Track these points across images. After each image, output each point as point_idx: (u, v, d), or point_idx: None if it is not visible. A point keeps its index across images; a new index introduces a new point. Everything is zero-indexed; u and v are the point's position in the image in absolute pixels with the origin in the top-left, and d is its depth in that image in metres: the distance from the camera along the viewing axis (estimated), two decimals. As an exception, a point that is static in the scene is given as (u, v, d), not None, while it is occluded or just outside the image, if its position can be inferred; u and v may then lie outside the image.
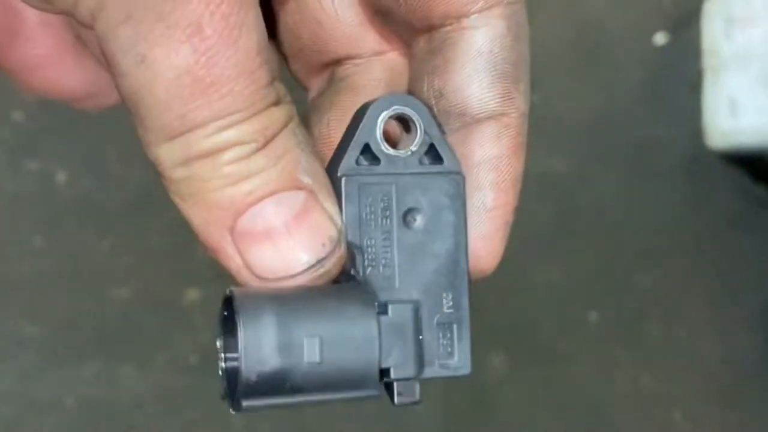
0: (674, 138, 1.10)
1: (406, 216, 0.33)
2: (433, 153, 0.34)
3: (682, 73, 1.11)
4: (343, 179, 0.34)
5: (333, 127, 0.37)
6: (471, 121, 0.35)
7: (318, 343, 0.31)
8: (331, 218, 0.33)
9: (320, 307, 0.32)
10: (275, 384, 0.31)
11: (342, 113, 0.36)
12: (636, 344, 1.06)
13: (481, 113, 0.35)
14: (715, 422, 1.05)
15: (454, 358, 0.34)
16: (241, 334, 0.31)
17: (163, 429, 1.01)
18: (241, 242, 0.33)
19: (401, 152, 0.33)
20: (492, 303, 1.07)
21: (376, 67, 0.38)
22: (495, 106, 0.35)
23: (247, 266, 0.34)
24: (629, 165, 1.10)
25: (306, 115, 0.38)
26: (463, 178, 0.34)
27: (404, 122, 0.34)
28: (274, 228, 0.33)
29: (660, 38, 1.13)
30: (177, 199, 0.34)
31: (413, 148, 0.33)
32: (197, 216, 0.34)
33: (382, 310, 0.33)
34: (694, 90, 1.09)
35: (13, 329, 1.01)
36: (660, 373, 1.05)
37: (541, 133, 1.11)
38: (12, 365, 1.01)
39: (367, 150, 0.34)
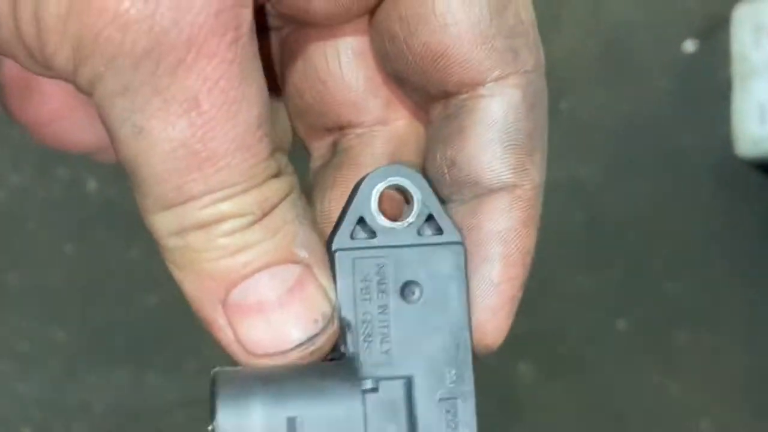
0: (704, 145, 1.09)
1: (404, 289, 0.32)
2: (432, 224, 0.33)
3: (711, 81, 1.11)
4: (336, 254, 0.33)
5: (334, 206, 0.36)
6: (483, 192, 0.34)
7: (299, 425, 0.30)
8: (325, 293, 0.32)
9: (303, 385, 0.31)
10: None
11: (343, 192, 0.36)
12: (664, 353, 1.06)
13: (494, 184, 0.34)
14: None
15: None
16: (219, 419, 0.31)
17: (191, 435, 1.01)
18: (232, 315, 0.33)
19: (398, 224, 0.32)
20: (519, 311, 1.07)
21: (378, 139, 0.37)
22: (507, 178, 0.34)
23: (238, 340, 0.33)
24: (658, 172, 1.10)
25: (309, 183, 0.38)
26: (464, 248, 0.32)
27: (404, 195, 0.33)
28: (267, 301, 0.32)
29: (689, 45, 1.12)
30: (171, 267, 0.33)
31: (410, 219, 0.32)
32: (190, 286, 0.33)
33: (373, 387, 0.31)
34: (724, 97, 1.08)
35: (42, 335, 1.02)
36: (688, 382, 1.05)
37: (570, 141, 1.11)
38: (41, 371, 1.02)
39: (362, 223, 0.33)
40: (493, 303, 0.35)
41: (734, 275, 1.07)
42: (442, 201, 0.33)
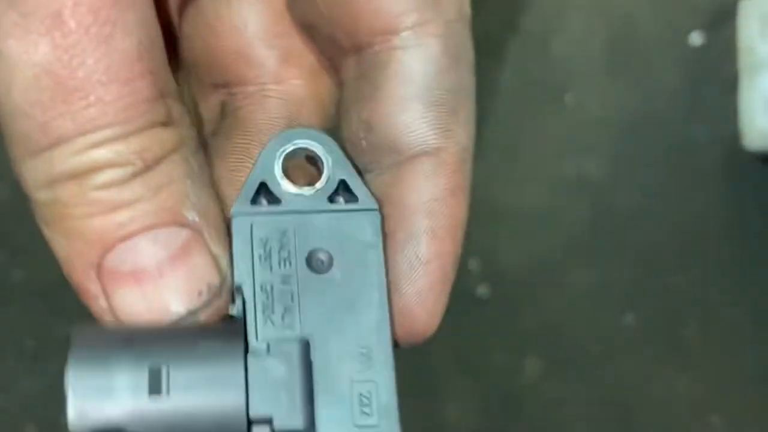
0: (711, 139, 1.09)
1: (311, 259, 0.28)
2: (345, 191, 0.29)
3: (718, 74, 1.10)
4: (233, 219, 0.29)
5: (224, 180, 0.31)
6: (404, 158, 0.30)
7: (165, 374, 0.27)
8: (214, 263, 0.28)
9: (174, 338, 0.27)
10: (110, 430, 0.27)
11: (240, 160, 0.32)
12: (673, 347, 1.06)
13: (415, 148, 0.29)
14: (755, 426, 1.04)
15: (373, 424, 0.27)
16: (70, 378, 0.27)
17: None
18: (106, 282, 0.29)
19: (305, 190, 0.29)
20: (526, 306, 1.07)
21: (272, 99, 0.32)
22: (430, 140, 0.29)
23: (112, 311, 0.29)
24: (665, 166, 1.09)
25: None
26: (381, 217, 0.28)
27: (314, 163, 0.30)
28: (144, 270, 0.28)
29: (696, 38, 1.12)
30: (41, 225, 0.29)
31: (319, 185, 0.29)
32: (60, 247, 0.29)
33: (262, 350, 0.27)
34: (731, 90, 1.08)
35: (47, 331, 1.02)
36: (697, 376, 1.05)
37: (576, 135, 1.11)
38: (46, 367, 1.02)
39: (264, 190, 0.29)
40: (422, 284, 0.30)
41: (743, 268, 1.07)
42: (358, 169, 0.30)
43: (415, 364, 1.06)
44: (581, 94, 1.11)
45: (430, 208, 0.29)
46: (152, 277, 0.28)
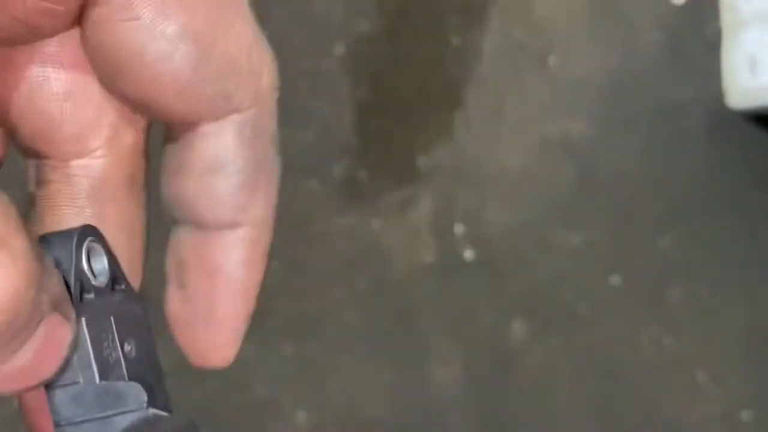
0: (694, 98, 1.09)
1: (123, 343, 0.32)
2: (117, 281, 0.32)
3: (701, 33, 1.10)
4: (82, 320, 0.31)
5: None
6: (208, 229, 0.33)
7: None
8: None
9: None
10: None
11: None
12: (659, 307, 1.06)
13: (216, 223, 0.32)
14: (741, 383, 1.04)
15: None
16: None
17: (186, 401, 1.01)
18: None
19: (101, 283, 0.32)
20: (512, 268, 1.07)
21: (78, 177, 0.33)
22: (228, 217, 0.32)
23: None
24: (649, 126, 1.09)
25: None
26: (145, 305, 0.33)
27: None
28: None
29: (678, -3, 1.12)
30: None
31: (106, 278, 0.32)
32: None
33: None
34: (714, 49, 1.08)
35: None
36: (683, 335, 1.05)
37: (559, 97, 1.10)
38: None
39: (81, 286, 0.31)
40: (218, 339, 0.33)
41: (727, 228, 1.07)
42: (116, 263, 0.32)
43: (402, 327, 1.07)
44: (564, 56, 1.11)
45: (228, 275, 0.33)
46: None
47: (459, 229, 1.08)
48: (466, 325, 1.06)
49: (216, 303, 0.33)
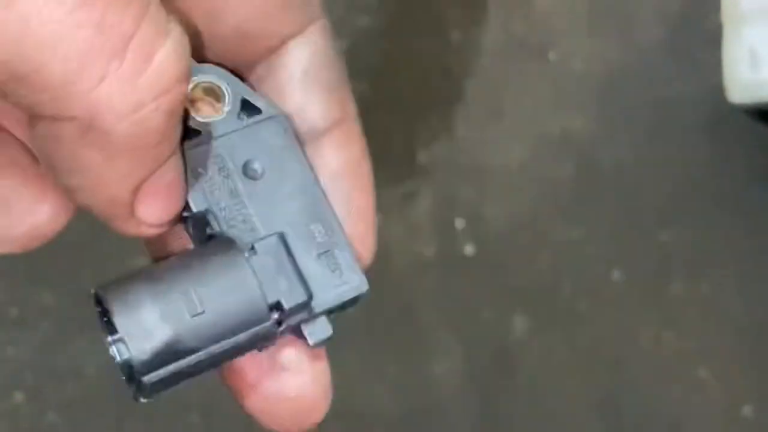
0: (695, 93, 1.09)
1: (246, 170, 0.33)
2: (249, 107, 0.33)
3: (701, 27, 1.10)
4: None
5: None
6: (319, 134, 0.34)
7: (195, 296, 0.31)
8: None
9: (186, 266, 0.32)
10: (171, 350, 0.31)
11: None
12: (660, 302, 1.06)
13: (327, 125, 0.34)
14: (742, 378, 1.04)
15: (346, 280, 0.33)
16: (117, 320, 0.31)
17: (186, 396, 1.01)
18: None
19: (215, 117, 0.33)
20: (513, 264, 1.07)
21: None
22: (336, 115, 0.34)
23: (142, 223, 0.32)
24: (650, 121, 1.09)
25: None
26: (287, 117, 0.33)
27: (215, 94, 0.34)
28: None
29: (679, -8, 1.12)
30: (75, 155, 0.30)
31: (226, 108, 0.33)
32: (110, 168, 0.30)
33: (252, 250, 0.32)
34: (715, 44, 1.08)
35: (32, 297, 1.01)
36: (684, 330, 1.05)
37: (560, 91, 1.10)
38: (32, 334, 1.01)
39: (184, 127, 0.32)
40: (360, 230, 0.35)
41: (728, 223, 1.07)
42: (253, 87, 0.34)
43: (402, 322, 1.06)
44: (565, 51, 1.11)
45: (353, 169, 0.35)
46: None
47: (459, 224, 1.08)
48: (467, 320, 1.06)
49: (352, 199, 0.35)
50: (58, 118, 0.28)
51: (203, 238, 0.33)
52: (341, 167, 0.34)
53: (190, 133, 0.33)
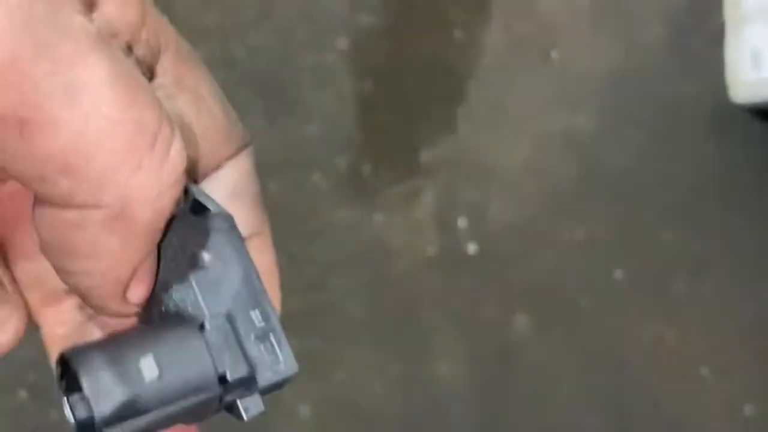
0: (697, 92, 1.09)
1: (194, 259, 0.36)
2: (200, 206, 0.37)
3: (704, 27, 1.10)
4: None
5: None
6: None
7: (153, 361, 0.34)
8: None
9: (146, 336, 0.35)
10: (128, 409, 0.34)
11: None
12: (662, 301, 1.06)
13: (246, 234, 0.38)
14: (744, 377, 1.04)
15: (281, 363, 0.36)
16: (82, 379, 0.33)
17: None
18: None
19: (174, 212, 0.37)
20: (515, 262, 1.07)
21: None
22: (258, 227, 0.38)
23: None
24: (653, 120, 1.09)
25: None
26: (231, 216, 0.37)
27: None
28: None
29: (681, -9, 1.12)
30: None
31: (182, 206, 0.36)
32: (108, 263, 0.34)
33: (202, 324, 0.36)
34: (717, 43, 1.08)
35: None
36: (687, 329, 1.05)
37: (563, 91, 1.10)
38: (35, 334, 1.01)
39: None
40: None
41: (731, 222, 1.07)
42: (198, 187, 0.37)
43: (405, 321, 1.07)
44: (567, 51, 1.11)
45: (266, 271, 0.38)
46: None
47: (462, 222, 1.08)
48: (469, 319, 1.06)
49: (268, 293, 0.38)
50: (88, 206, 0.32)
51: (154, 315, 0.36)
52: (259, 269, 0.38)
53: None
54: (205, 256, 0.36)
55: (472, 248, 1.08)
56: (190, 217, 0.36)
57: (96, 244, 0.33)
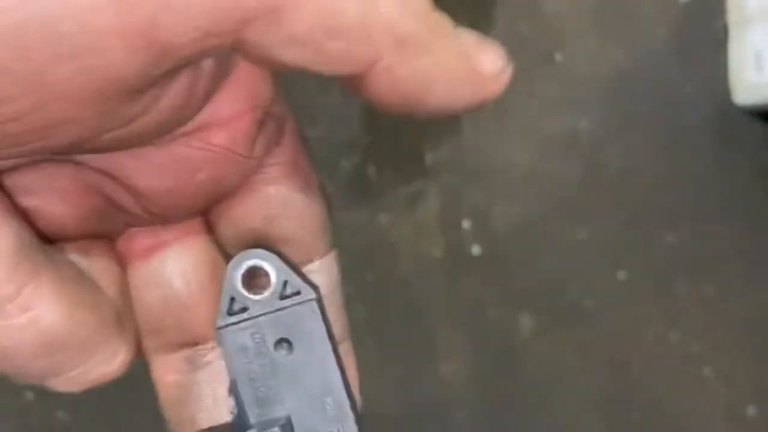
0: (701, 94, 1.09)
1: (278, 347, 0.37)
2: (290, 287, 0.37)
3: (707, 29, 1.10)
4: (218, 332, 0.37)
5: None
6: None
7: None
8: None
9: None
10: None
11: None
12: (666, 302, 1.06)
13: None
14: (747, 378, 1.04)
15: None
16: None
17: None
18: None
19: (262, 295, 0.37)
20: (519, 264, 1.07)
21: None
22: (341, 335, 0.39)
23: None
24: (655, 123, 1.09)
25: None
26: (319, 301, 0.37)
27: (260, 274, 0.38)
28: None
29: (684, -6, 1.12)
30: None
31: (271, 289, 0.37)
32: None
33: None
34: (720, 45, 1.08)
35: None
36: (689, 330, 1.05)
37: (566, 93, 1.11)
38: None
39: (234, 302, 0.37)
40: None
41: (734, 224, 1.07)
42: (296, 268, 0.38)
43: (409, 322, 1.07)
44: (571, 53, 1.11)
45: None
46: None
47: (466, 224, 1.08)
48: (473, 320, 1.06)
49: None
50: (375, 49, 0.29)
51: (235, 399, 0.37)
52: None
53: (239, 306, 0.37)
54: (288, 343, 0.37)
55: (476, 249, 1.08)
56: (277, 301, 0.37)
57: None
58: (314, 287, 0.38)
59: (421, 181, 1.10)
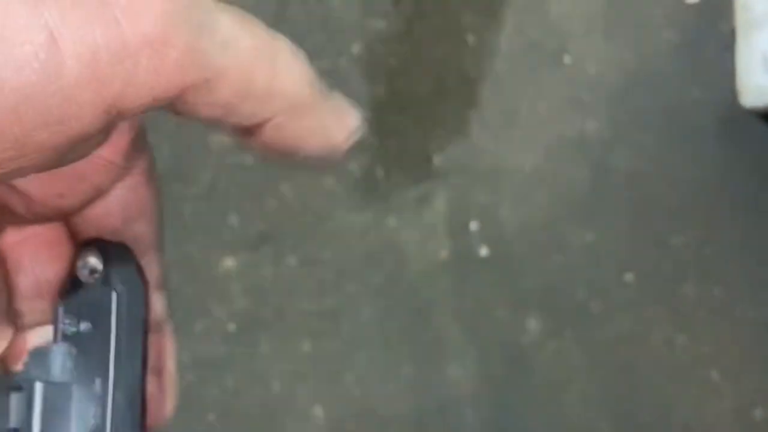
0: (708, 97, 1.09)
1: (93, 329, 0.38)
2: (118, 278, 0.39)
3: (714, 32, 1.10)
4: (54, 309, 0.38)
5: None
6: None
7: None
8: None
9: None
10: None
11: None
12: (672, 305, 1.06)
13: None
14: (754, 381, 1.04)
15: None
16: None
17: (204, 396, 1.02)
18: None
19: (93, 282, 0.39)
20: (526, 266, 1.08)
21: None
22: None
23: None
24: (663, 125, 1.10)
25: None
26: (146, 292, 0.39)
27: None
28: None
29: (692, -4, 1.12)
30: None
31: (102, 277, 0.39)
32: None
33: None
34: (728, 48, 1.08)
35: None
36: (696, 333, 1.05)
37: (574, 96, 1.11)
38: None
39: (70, 285, 0.39)
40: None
41: (740, 227, 1.08)
42: (135, 260, 0.40)
43: (417, 324, 1.07)
44: (579, 55, 1.11)
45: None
46: None
47: (474, 226, 1.08)
48: (481, 322, 1.07)
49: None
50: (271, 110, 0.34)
51: None
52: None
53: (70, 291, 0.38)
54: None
55: (483, 251, 1.08)
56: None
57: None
58: (145, 281, 0.39)
59: (429, 183, 1.10)
